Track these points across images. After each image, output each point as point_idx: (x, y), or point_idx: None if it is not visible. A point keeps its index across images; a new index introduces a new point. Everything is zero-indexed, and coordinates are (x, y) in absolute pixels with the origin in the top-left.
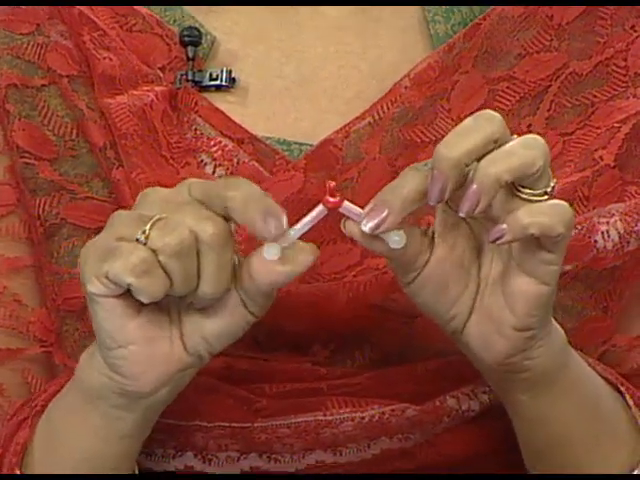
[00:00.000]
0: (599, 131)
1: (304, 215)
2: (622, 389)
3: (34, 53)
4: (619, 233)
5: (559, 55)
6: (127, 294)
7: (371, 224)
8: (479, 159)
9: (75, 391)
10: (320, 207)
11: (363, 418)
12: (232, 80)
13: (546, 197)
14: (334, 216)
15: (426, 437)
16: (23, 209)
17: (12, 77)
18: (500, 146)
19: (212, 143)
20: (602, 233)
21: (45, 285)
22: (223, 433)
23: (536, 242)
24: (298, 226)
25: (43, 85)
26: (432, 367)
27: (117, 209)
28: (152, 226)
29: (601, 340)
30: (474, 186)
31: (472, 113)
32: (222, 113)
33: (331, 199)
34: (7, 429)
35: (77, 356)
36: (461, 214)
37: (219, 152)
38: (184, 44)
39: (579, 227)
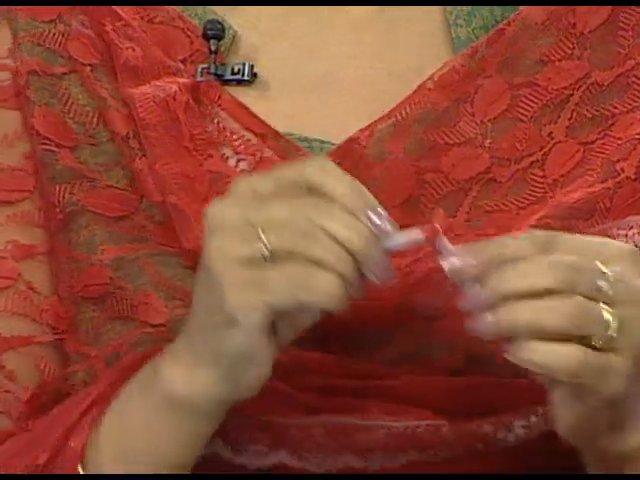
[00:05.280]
0: (620, 141)
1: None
2: None
3: (55, 41)
4: (637, 246)
5: (581, 64)
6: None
7: (454, 262)
8: None
9: (156, 398)
10: (417, 232)
11: (397, 428)
12: (254, 75)
13: None
14: None
15: (454, 455)
16: (39, 196)
17: (33, 64)
18: None
19: (235, 137)
20: None
21: (60, 272)
22: (257, 425)
23: None
24: (395, 238)
25: (64, 73)
26: (474, 384)
27: (138, 198)
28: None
29: None
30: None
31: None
32: (245, 107)
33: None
34: (55, 433)
35: (92, 343)
36: None
37: (242, 146)
38: (207, 37)
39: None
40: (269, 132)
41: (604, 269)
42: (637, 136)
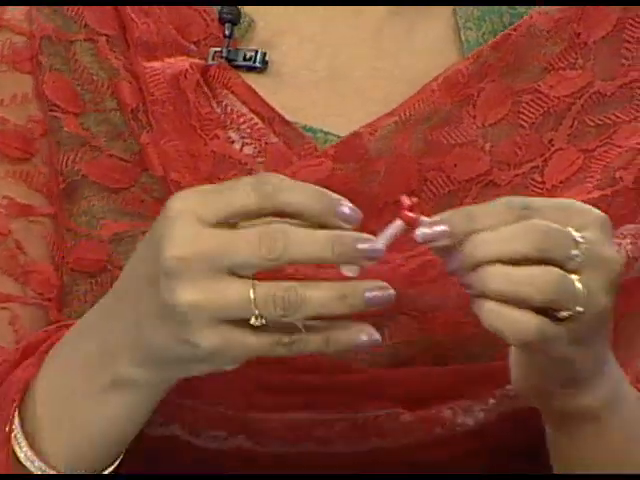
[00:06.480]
0: (620, 150)
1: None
2: None
3: (73, 9)
4: (628, 256)
5: (584, 73)
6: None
7: (424, 231)
8: None
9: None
10: (398, 222)
11: (357, 420)
12: (265, 63)
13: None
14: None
15: (416, 440)
16: (42, 161)
17: (48, 29)
18: None
19: (242, 120)
20: None
21: (57, 240)
22: (215, 415)
23: None
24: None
25: (77, 40)
26: (434, 373)
27: (139, 172)
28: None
29: None
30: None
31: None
32: (254, 91)
33: (409, 214)
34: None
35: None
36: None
37: (248, 130)
38: (223, 21)
39: None
40: (276, 117)
41: (577, 236)
42: (637, 146)
